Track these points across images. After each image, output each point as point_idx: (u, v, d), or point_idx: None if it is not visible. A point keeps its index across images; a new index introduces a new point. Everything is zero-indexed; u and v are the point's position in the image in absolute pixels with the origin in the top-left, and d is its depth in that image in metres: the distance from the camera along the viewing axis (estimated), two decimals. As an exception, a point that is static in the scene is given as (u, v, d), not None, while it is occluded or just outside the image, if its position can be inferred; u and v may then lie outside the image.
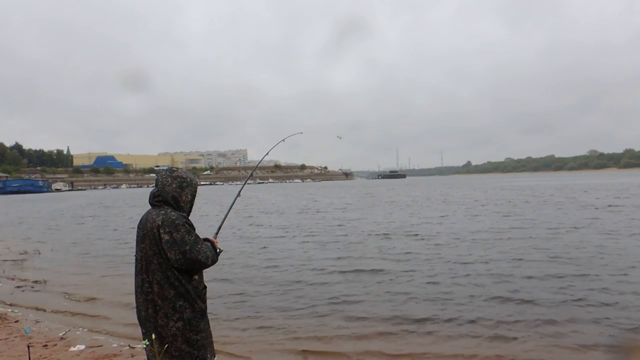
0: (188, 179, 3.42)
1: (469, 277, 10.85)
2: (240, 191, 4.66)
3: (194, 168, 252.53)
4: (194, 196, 3.46)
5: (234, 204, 4.37)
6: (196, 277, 3.27)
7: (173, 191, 3.32)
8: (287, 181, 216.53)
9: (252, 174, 6.06)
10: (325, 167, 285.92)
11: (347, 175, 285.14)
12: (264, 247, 16.56)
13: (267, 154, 5.94)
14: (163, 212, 3.23)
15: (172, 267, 3.15)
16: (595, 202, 32.42)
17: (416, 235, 18.32)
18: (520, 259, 12.59)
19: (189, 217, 3.42)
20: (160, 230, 3.15)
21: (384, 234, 18.94)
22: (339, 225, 22.91)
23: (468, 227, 20.23)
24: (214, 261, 3.34)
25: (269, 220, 27.02)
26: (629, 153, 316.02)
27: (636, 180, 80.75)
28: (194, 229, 3.30)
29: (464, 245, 15.31)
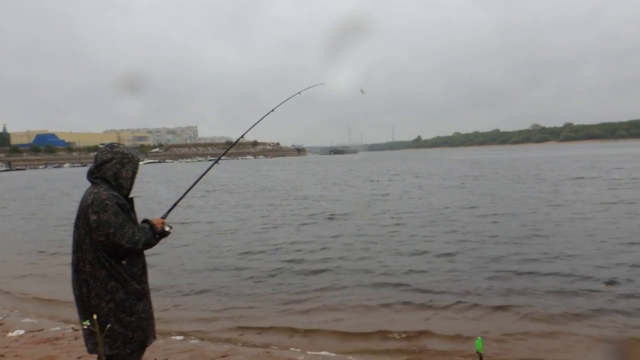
0: (130, 155, 3.35)
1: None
2: (210, 167, 4.43)
3: (142, 145, 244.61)
4: (135, 173, 3.38)
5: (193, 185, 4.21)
6: (124, 261, 3.20)
7: (113, 167, 3.25)
8: (240, 158, 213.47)
9: (229, 149, 5.92)
10: (278, 144, 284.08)
11: (300, 151, 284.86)
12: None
13: (265, 116, 5.29)
14: (96, 190, 3.16)
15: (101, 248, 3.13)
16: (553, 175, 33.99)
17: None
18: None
19: (130, 195, 3.37)
20: (89, 210, 3.11)
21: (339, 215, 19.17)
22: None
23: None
24: (147, 245, 3.26)
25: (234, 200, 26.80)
26: (568, 127, 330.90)
27: (571, 153, 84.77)
28: (128, 210, 3.24)
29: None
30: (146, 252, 3.34)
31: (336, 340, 6.41)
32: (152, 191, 34.34)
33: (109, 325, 3.06)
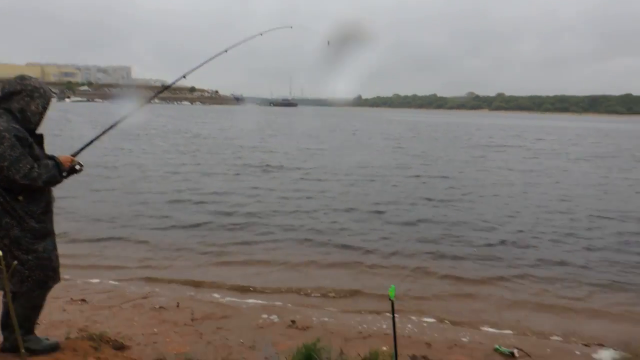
0: (41, 90, 3.17)
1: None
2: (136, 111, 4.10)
3: (69, 82, 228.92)
4: (45, 108, 3.21)
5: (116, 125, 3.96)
6: (21, 197, 3.00)
7: (21, 100, 3.06)
8: (175, 103, 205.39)
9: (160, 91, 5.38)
10: (216, 91, 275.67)
11: (239, 100, 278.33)
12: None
13: (211, 58, 4.65)
14: None
15: None
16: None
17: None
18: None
19: (38, 130, 3.21)
20: None
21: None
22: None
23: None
24: (50, 182, 3.08)
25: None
26: (500, 97, 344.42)
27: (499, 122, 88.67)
28: (30, 145, 3.01)
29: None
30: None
31: (264, 294, 6.37)
32: (76, 130, 32.34)
33: (15, 262, 2.91)
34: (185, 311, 5.59)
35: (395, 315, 3.30)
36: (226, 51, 4.78)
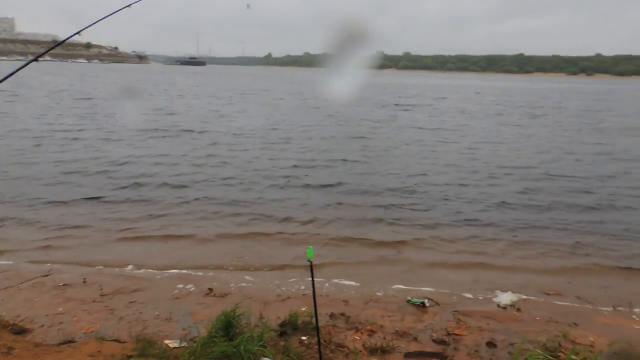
0: None
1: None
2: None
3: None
4: None
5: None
6: None
7: None
8: (70, 61, 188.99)
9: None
10: (116, 48, 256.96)
11: (142, 58, 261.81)
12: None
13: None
14: None
15: None
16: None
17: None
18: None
19: None
20: None
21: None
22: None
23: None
24: None
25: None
26: (406, 56, 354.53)
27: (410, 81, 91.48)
28: None
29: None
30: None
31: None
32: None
33: None
34: (93, 287, 5.28)
35: (315, 279, 3.32)
36: (129, 6, 4.31)
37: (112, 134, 15.55)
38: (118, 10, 4.19)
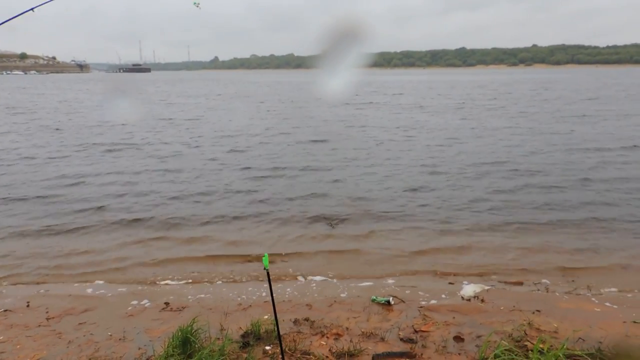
0: None
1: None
2: None
3: None
4: None
5: None
6: None
7: None
8: (5, 73, 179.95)
9: None
10: (54, 58, 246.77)
11: (82, 67, 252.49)
12: None
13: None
14: None
15: None
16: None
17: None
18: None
19: None
20: None
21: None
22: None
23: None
24: None
25: None
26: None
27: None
28: None
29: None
30: None
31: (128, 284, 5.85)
32: None
33: None
34: (38, 310, 4.91)
35: (277, 279, 3.17)
36: (33, 10, 3.98)
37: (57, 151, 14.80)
38: (18, 15, 3.95)
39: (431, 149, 14.04)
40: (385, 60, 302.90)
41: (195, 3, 4.97)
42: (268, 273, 3.18)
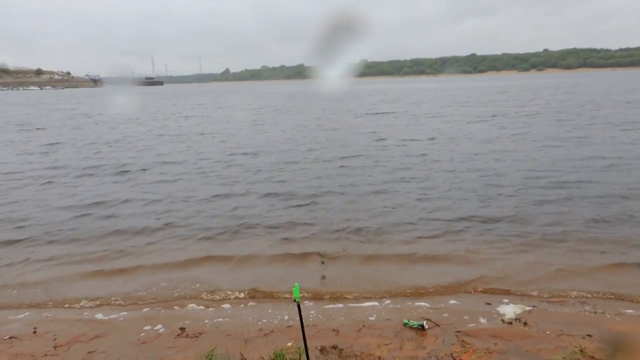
0: None
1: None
2: None
3: None
4: None
5: None
6: None
7: None
8: (21, 88, 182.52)
9: None
10: (69, 73, 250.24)
11: (96, 82, 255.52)
12: None
13: None
14: None
15: None
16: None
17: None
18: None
19: None
20: None
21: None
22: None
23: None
24: None
25: None
26: (363, 63, 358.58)
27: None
28: None
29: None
30: None
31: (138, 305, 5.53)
32: None
33: None
34: (46, 337, 4.60)
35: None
36: None
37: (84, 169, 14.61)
38: None
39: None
40: (396, 69, 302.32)
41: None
42: (299, 305, 2.82)
